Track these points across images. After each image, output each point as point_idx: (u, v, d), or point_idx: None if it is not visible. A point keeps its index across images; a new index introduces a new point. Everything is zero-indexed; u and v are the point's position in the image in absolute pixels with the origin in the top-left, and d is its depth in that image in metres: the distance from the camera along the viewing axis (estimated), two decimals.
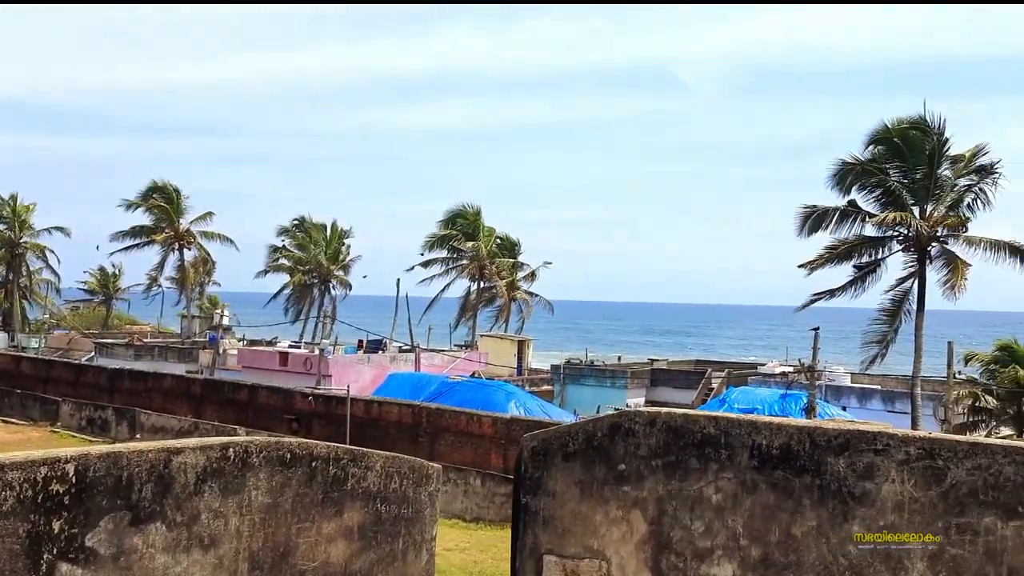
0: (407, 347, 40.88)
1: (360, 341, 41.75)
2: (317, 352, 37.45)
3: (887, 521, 6.25)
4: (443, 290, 54.46)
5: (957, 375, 31.89)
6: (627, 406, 41.88)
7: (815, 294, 34.60)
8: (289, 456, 6.97)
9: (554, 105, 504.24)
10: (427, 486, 8.49)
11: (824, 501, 6.43)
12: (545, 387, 42.25)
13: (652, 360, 50.90)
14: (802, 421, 6.68)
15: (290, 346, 43.55)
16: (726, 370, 45.02)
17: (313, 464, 7.15)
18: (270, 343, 46.63)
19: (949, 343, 27.32)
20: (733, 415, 6.81)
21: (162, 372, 40.01)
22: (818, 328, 29.38)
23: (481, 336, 50.16)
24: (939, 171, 32.33)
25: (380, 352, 40.11)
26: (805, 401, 30.80)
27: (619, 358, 57.38)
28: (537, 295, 57.80)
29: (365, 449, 7.91)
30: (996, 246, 32.77)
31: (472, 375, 37.65)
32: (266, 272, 59.26)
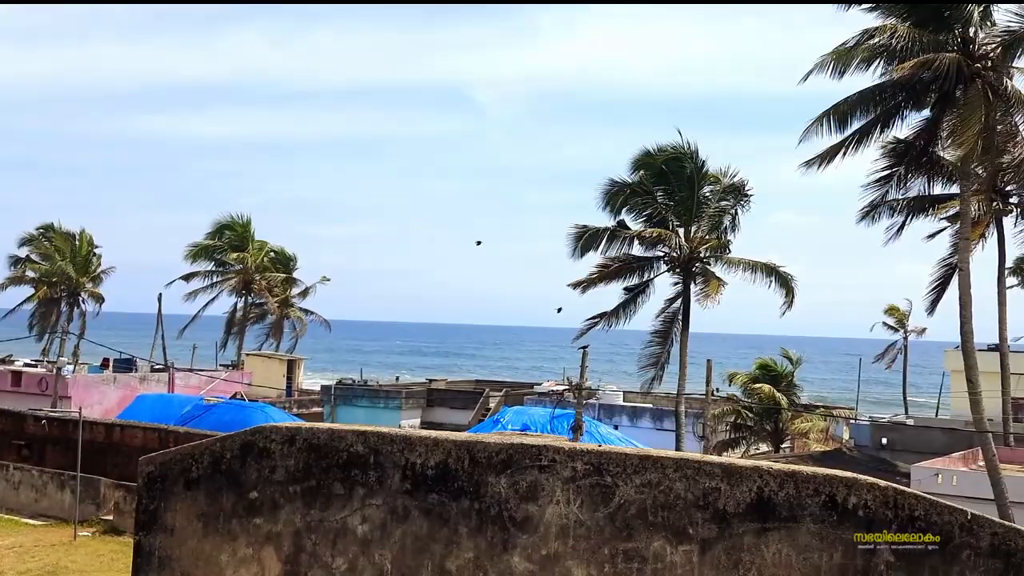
0: (159, 367, 37.93)
1: (105, 360, 38.32)
2: (55, 372, 33.99)
3: (550, 550, 5.38)
4: (206, 306, 51.31)
5: (715, 392, 32.90)
6: (401, 428, 40.72)
7: (589, 320, 34.76)
8: None
9: (348, 119, 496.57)
10: None
11: (483, 528, 5.48)
12: (315, 409, 40.46)
13: (430, 380, 50.13)
14: (463, 436, 5.73)
15: (26, 365, 39.47)
16: (504, 390, 44.79)
17: None
18: (3, 361, 42.13)
19: (708, 361, 27.96)
20: (386, 430, 5.76)
21: None
22: (587, 346, 29.35)
23: (247, 355, 47.54)
24: (700, 193, 33.34)
25: (131, 372, 36.99)
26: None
27: (397, 378, 56.29)
28: (313, 313, 55.67)
29: None
30: (754, 266, 34.09)
31: (234, 396, 35.29)
32: (4, 286, 53.66)
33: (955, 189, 30.74)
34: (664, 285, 35.30)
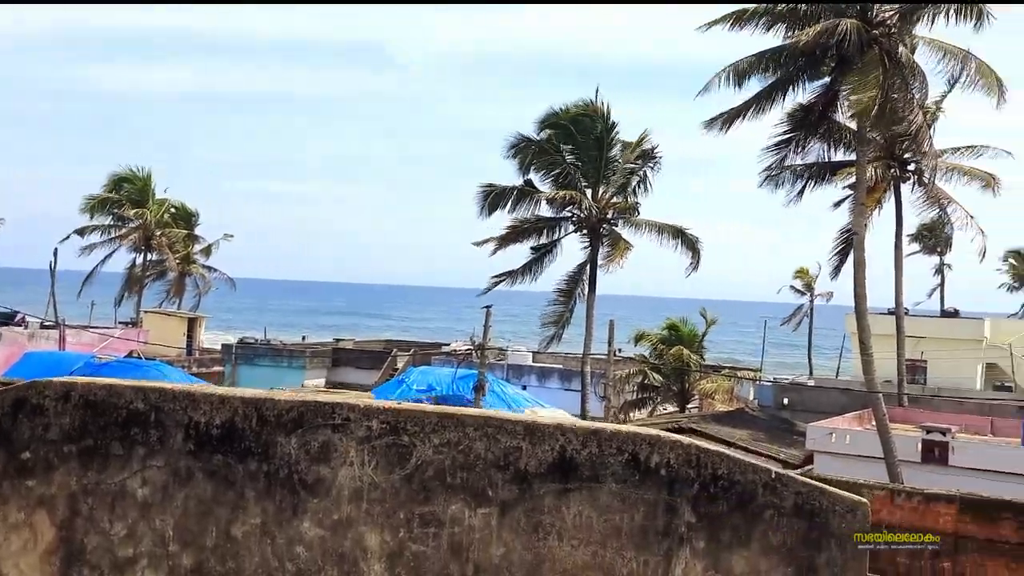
0: (50, 323, 36.49)
1: None
2: None
3: (343, 514, 5.04)
4: (103, 261, 49.50)
5: (618, 352, 33.05)
6: (305, 388, 40.06)
7: (495, 277, 34.52)
8: None
9: (273, 77, 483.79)
10: None
11: (271, 492, 5.11)
12: (215, 368, 39.53)
13: (337, 340, 49.44)
14: (254, 392, 5.34)
15: None
16: (412, 350, 44.40)
17: None
18: None
19: (610, 321, 27.95)
20: (169, 385, 5.32)
21: None
22: (490, 306, 29.06)
23: (144, 312, 46.13)
24: (609, 154, 33.19)
25: (20, 328, 35.44)
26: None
27: (304, 338, 55.42)
28: (217, 271, 54.30)
29: None
30: (661, 229, 34.17)
31: (129, 355, 34.15)
32: None
33: (854, 156, 31.17)
34: (571, 245, 35.27)
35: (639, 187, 34.73)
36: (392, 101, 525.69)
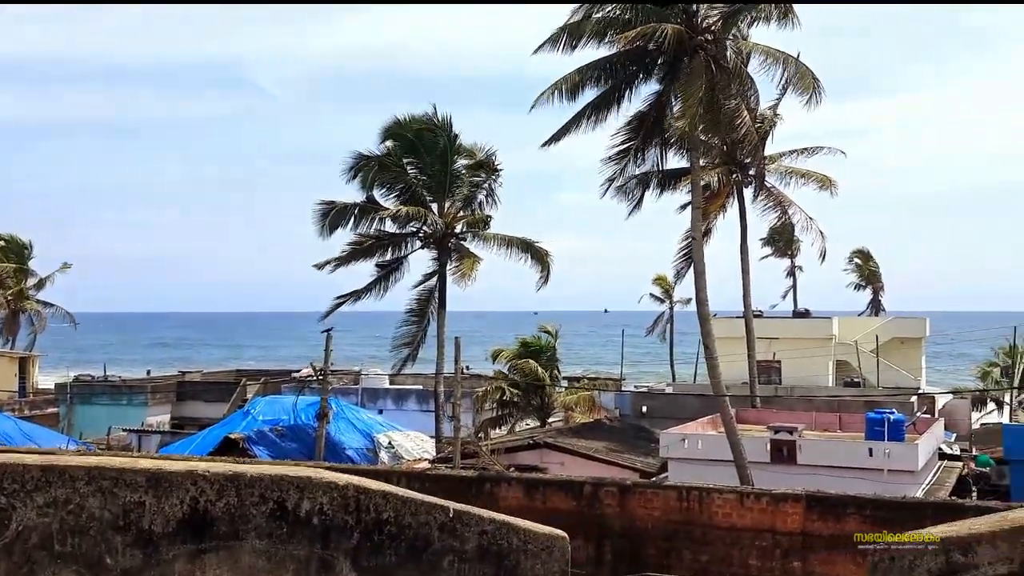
0: None
1: None
2: None
3: None
4: None
5: (466, 370, 32.38)
6: (148, 425, 37.88)
7: (338, 298, 33.41)
8: None
9: (112, 99, 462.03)
10: None
11: None
12: (50, 410, 36.99)
13: (183, 373, 47.20)
14: None
15: None
16: (262, 379, 42.70)
17: None
18: None
19: (456, 338, 27.15)
20: None
21: None
22: (330, 329, 27.90)
23: None
24: (453, 168, 32.58)
25: None
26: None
27: (148, 372, 52.79)
28: (54, 306, 51.02)
29: None
30: (509, 242, 33.75)
31: None
32: None
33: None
34: (422, 262, 34.45)
35: (488, 200, 34.28)
36: (245, 123, 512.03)
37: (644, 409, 38.84)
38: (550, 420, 39.44)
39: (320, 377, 27.80)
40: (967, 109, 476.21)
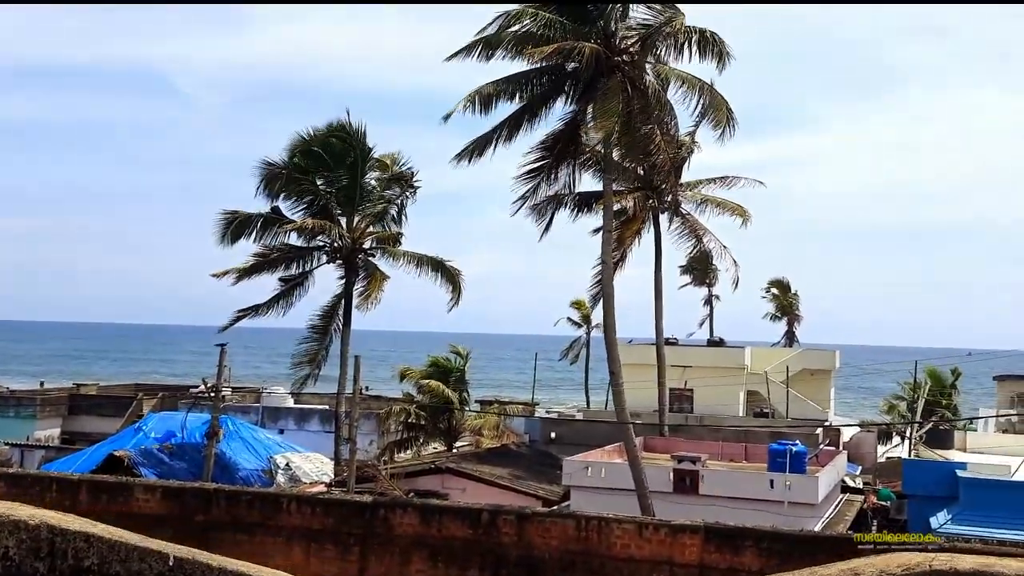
0: None
1: None
2: None
3: None
4: None
5: (365, 391, 31.35)
6: (35, 439, 35.88)
7: (239, 311, 32.13)
8: None
9: (26, 103, 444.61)
10: None
11: None
12: None
13: (78, 385, 45.05)
14: None
15: None
16: (160, 394, 40.95)
17: None
18: None
19: (356, 358, 26.24)
20: None
21: None
22: (225, 344, 26.69)
23: None
24: (363, 181, 31.66)
25: None
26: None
27: (41, 383, 50.42)
28: None
29: None
30: (420, 260, 32.93)
31: None
32: None
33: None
34: (330, 277, 33.37)
35: (399, 216, 33.42)
36: (157, 129, 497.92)
37: (553, 435, 38.14)
38: (458, 444, 38.55)
39: (212, 394, 26.50)
40: (897, 144, 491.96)
